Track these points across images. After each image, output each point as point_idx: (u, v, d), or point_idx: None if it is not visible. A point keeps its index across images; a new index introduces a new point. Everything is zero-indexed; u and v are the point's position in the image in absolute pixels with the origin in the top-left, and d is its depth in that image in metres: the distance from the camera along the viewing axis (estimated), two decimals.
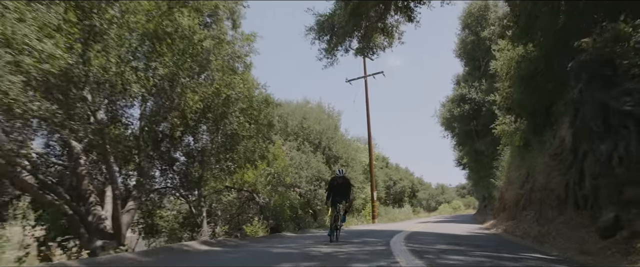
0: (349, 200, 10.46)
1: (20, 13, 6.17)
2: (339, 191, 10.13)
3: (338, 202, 10.04)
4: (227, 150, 13.59)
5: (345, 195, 10.18)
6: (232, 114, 12.79)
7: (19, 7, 6.15)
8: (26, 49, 6.19)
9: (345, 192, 10.21)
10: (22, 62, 6.23)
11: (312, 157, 19.43)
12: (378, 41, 15.85)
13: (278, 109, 17.75)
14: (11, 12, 6.08)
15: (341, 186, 10.19)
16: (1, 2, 6.07)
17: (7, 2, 6.10)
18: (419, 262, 5.65)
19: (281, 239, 11.34)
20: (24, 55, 6.23)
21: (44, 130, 8.50)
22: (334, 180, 10.41)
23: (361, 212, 25.18)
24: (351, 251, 7.44)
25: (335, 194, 10.13)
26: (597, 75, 7.77)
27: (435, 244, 8.79)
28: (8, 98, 6.39)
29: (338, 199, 10.07)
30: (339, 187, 10.16)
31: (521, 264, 5.93)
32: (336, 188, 10.17)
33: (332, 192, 10.21)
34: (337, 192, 10.13)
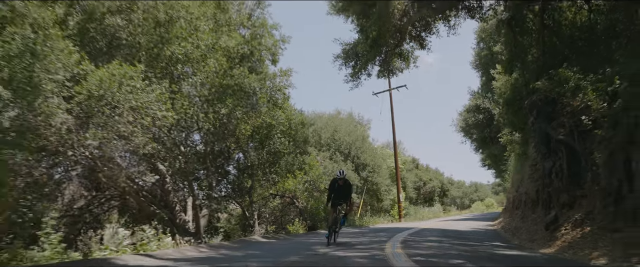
0: (350, 202, 10.39)
1: (143, 89, 9.64)
2: (339, 193, 10.08)
3: (338, 204, 10.07)
4: (271, 164, 16.92)
5: (346, 197, 10.15)
6: (274, 135, 16.11)
7: (143, 85, 9.62)
8: (149, 112, 9.64)
9: (346, 194, 10.15)
10: (142, 121, 9.70)
11: (343, 165, 22.55)
12: (396, 65, 18.77)
13: (312, 125, 21.04)
14: (139, 89, 9.56)
15: (342, 187, 10.10)
16: (131, 83, 9.53)
17: (136, 83, 9.56)
18: (399, 246, 8.70)
19: (316, 235, 14.48)
20: (145, 116, 9.69)
21: (145, 160, 11.99)
22: (334, 182, 10.35)
23: (390, 212, 28.09)
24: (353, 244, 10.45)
25: (335, 196, 10.12)
26: (543, 111, 10.56)
27: (429, 237, 11.75)
28: (133, 144, 9.88)
29: (338, 201, 10.08)
30: (340, 189, 10.09)
31: (471, 248, 8.86)
32: (337, 190, 10.12)
33: (333, 194, 10.20)
34: (337, 194, 10.10)
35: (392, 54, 17.86)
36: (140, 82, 9.61)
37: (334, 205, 10.11)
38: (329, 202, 10.28)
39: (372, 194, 25.20)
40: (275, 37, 17.37)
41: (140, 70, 9.65)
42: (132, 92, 9.47)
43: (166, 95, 10.22)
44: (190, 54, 11.52)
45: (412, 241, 10.45)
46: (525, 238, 10.95)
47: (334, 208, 10.10)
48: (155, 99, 9.79)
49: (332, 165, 22.07)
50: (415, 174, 42.94)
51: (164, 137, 11.29)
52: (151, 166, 12.42)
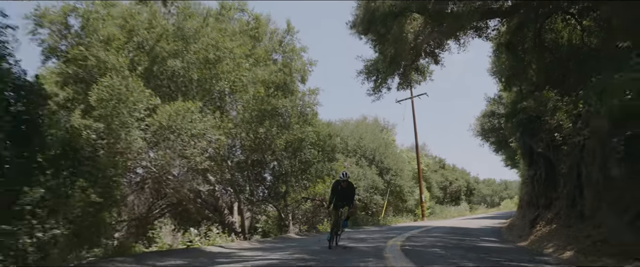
0: (353, 205, 10.21)
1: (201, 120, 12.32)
2: (342, 195, 9.86)
3: (341, 206, 9.91)
4: (303, 171, 19.42)
5: (349, 199, 9.97)
6: (305, 147, 18.59)
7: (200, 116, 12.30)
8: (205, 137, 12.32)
9: (349, 196, 9.97)
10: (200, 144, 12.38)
11: (368, 170, 24.87)
12: (414, 78, 20.94)
13: (338, 136, 23.49)
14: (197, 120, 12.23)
15: (345, 190, 9.88)
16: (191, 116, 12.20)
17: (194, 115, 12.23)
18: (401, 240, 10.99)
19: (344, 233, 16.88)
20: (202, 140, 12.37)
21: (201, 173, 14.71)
22: (337, 184, 10.03)
23: (415, 212, 30.22)
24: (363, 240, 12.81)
25: (338, 199, 9.89)
26: (527, 128, 12.64)
27: (434, 233, 13.95)
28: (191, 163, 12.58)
29: (341, 204, 9.90)
30: (343, 192, 9.87)
31: (460, 241, 11.05)
32: (340, 192, 9.87)
33: (336, 196, 9.93)
34: (340, 196, 9.87)
35: (409, 69, 20.01)
36: (197, 113, 12.30)
37: (336, 207, 9.90)
38: (331, 205, 9.99)
39: (396, 195, 27.36)
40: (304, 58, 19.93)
41: (198, 106, 12.31)
42: (192, 122, 12.17)
43: (217, 123, 12.87)
44: (235, 86, 14.16)
45: (417, 236, 12.72)
46: (516, 234, 13.04)
47: (337, 210, 9.92)
48: (210, 126, 12.45)
49: (358, 170, 24.41)
50: (442, 174, 44.68)
51: (215, 155, 13.96)
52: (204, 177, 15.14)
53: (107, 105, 11.32)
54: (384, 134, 34.77)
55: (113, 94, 11.38)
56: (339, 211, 9.95)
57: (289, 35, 20.04)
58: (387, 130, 35.62)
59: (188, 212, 15.75)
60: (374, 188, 24.47)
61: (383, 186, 25.27)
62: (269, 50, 18.97)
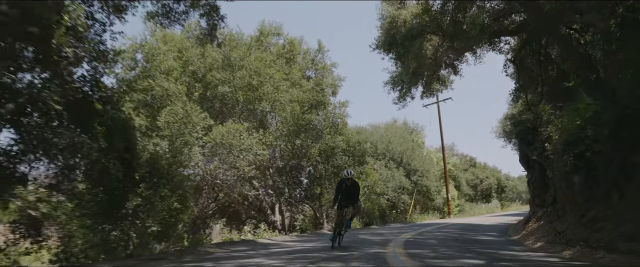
0: (357, 205, 10.02)
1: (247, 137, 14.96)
2: (347, 194, 9.69)
3: (345, 206, 9.66)
4: (335, 175, 21.83)
5: (354, 198, 9.79)
6: (337, 153, 21.01)
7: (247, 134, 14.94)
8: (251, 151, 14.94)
9: (354, 195, 9.79)
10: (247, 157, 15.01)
11: (396, 172, 27.04)
12: (435, 87, 22.99)
13: (367, 142, 25.82)
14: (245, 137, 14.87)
15: (350, 188, 9.72)
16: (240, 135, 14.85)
17: (243, 134, 14.88)
18: (412, 233, 13.23)
19: (368, 229, 19.15)
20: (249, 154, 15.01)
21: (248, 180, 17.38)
22: (342, 182, 9.92)
23: (443, 210, 32.11)
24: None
25: (342, 198, 9.70)
26: (524, 138, 14.59)
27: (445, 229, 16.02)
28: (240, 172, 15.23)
29: (345, 203, 9.67)
30: (347, 190, 9.70)
31: (461, 236, 13.17)
32: (344, 191, 9.70)
33: (340, 195, 9.75)
34: (345, 195, 9.69)
35: (431, 80, 22.06)
36: (245, 132, 14.95)
37: (340, 207, 9.64)
38: (335, 204, 9.81)
39: (423, 194, 29.35)
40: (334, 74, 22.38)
41: (245, 127, 14.95)
42: (241, 139, 14.82)
43: (261, 140, 15.49)
44: (274, 106, 16.76)
45: (429, 231, 14.88)
46: (517, 230, 14.99)
47: (341, 210, 9.63)
48: (255, 142, 15.07)
49: (387, 172, 26.61)
50: (472, 172, 46.03)
51: (259, 165, 16.60)
52: (251, 183, 17.83)
53: (172, 127, 14.08)
54: (414, 136, 36.78)
55: (176, 118, 14.13)
56: (343, 210, 9.62)
57: (320, 53, 22.57)
58: (417, 133, 37.59)
59: (237, 213, 18.48)
60: (402, 188, 26.62)
61: (410, 186, 27.35)
62: (303, 68, 21.56)
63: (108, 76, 12.70)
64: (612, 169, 8.04)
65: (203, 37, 13.96)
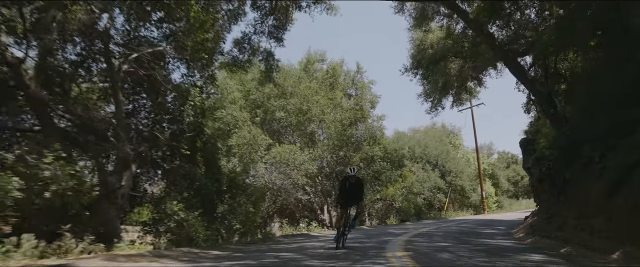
0: (361, 203, 9.72)
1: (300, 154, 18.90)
2: (350, 192, 9.36)
3: (349, 205, 9.36)
4: (375, 178, 25.43)
5: (357, 197, 9.49)
6: (376, 161, 24.58)
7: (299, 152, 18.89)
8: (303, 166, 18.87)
9: (358, 194, 9.47)
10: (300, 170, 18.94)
11: (431, 173, 30.21)
12: (464, 97, 26.04)
13: (404, 148, 29.24)
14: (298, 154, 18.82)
15: (354, 186, 9.38)
16: (295, 154, 18.79)
17: (296, 152, 18.81)
18: (433, 227, 16.61)
19: (401, 224, 22.52)
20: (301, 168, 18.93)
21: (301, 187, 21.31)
22: (345, 180, 9.54)
23: (479, 207, 34.83)
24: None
25: (346, 196, 9.38)
26: (526, 148, 17.57)
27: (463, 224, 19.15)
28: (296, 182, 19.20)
29: (349, 202, 9.37)
30: (351, 188, 9.36)
31: (470, 229, 16.39)
32: (348, 189, 9.37)
33: (344, 193, 9.45)
34: (348, 193, 9.36)
35: (459, 91, 25.13)
36: (298, 151, 18.88)
37: (344, 205, 9.33)
38: (339, 202, 9.54)
39: (458, 192, 32.24)
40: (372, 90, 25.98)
41: (298, 147, 18.89)
42: (295, 156, 18.75)
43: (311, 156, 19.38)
44: (321, 126, 20.61)
45: (446, 226, 18.02)
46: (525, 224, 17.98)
47: (345, 209, 9.30)
48: (306, 158, 18.98)
49: (423, 174, 29.82)
50: (513, 169, 47.94)
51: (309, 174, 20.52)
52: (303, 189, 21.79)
53: (242, 148, 18.19)
54: (451, 138, 39.62)
55: (244, 140, 18.23)
56: (347, 209, 9.26)
57: (358, 74, 26.20)
58: (454, 135, 40.36)
59: (292, 213, 22.49)
60: (437, 188, 29.76)
61: (444, 186, 30.44)
62: (344, 87, 25.29)
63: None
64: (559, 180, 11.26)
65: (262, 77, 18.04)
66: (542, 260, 7.20)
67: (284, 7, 16.25)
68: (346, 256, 7.63)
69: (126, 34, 11.70)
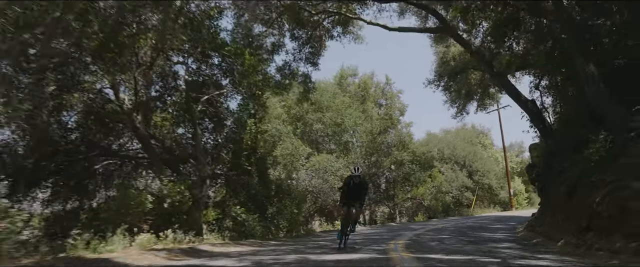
0: (360, 206, 9.48)
1: (335, 161, 22.02)
2: (354, 192, 9.24)
3: (351, 205, 9.18)
4: (406, 180, 28.22)
5: (360, 197, 9.32)
6: (405, 164, 27.37)
7: (335, 160, 22.02)
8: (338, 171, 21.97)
9: (361, 194, 9.34)
10: (335, 175, 22.05)
11: (459, 173, 32.60)
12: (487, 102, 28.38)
13: (437, 144, 31.88)
14: (333, 161, 21.94)
15: (357, 186, 9.25)
16: (332, 162, 21.91)
17: (333, 161, 21.93)
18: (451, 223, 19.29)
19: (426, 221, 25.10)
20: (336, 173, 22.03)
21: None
22: (350, 179, 9.40)
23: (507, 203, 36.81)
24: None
25: (349, 196, 9.26)
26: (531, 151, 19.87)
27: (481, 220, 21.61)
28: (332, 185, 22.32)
29: (352, 202, 9.19)
30: (355, 188, 9.24)
31: (478, 224, 18.93)
32: (352, 189, 9.25)
33: (347, 192, 9.31)
34: (352, 193, 9.25)
35: (483, 97, 27.48)
36: (334, 160, 21.99)
37: (347, 205, 9.21)
38: (342, 201, 9.43)
39: (485, 190, 34.40)
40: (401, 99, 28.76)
41: (334, 156, 22.00)
42: (331, 164, 21.85)
43: (345, 163, 22.44)
44: (354, 136, 23.64)
45: (464, 222, 20.53)
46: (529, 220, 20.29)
47: (348, 208, 9.19)
48: (341, 165, 22.05)
49: (452, 174, 32.23)
50: None
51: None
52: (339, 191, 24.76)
53: (285, 158, 21.45)
54: (481, 138, 41.66)
55: (288, 151, 21.49)
56: (350, 209, 9.13)
57: (388, 85, 29.05)
58: (484, 135, 42.36)
59: (330, 212, 25.58)
60: (464, 187, 32.14)
61: (472, 185, 32.77)
62: (375, 98, 28.20)
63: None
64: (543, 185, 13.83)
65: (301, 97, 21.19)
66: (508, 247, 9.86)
67: (318, 36, 19.28)
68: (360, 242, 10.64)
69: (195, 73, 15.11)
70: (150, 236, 8.45)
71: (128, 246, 7.55)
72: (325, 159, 21.76)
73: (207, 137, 15.73)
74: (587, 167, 9.67)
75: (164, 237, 8.72)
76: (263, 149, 16.93)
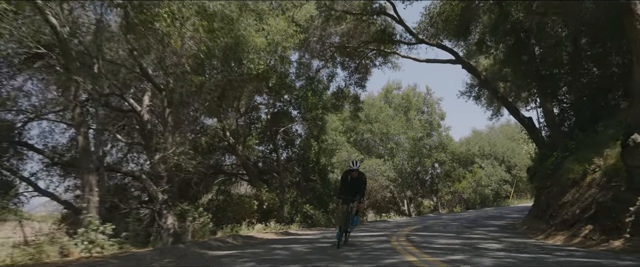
0: (362, 200, 8.96)
1: (383, 164, 27.12)
2: (352, 186, 8.74)
3: (350, 200, 8.57)
4: (447, 176, 32.74)
5: (359, 192, 8.76)
6: (446, 162, 31.89)
7: (383, 163, 27.13)
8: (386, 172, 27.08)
9: (359, 188, 8.79)
10: (385, 175, 27.16)
11: (498, 168, 36.50)
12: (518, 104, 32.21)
13: (478, 142, 36.11)
14: (381, 164, 27.05)
15: (356, 180, 8.76)
16: (380, 164, 27.03)
17: (381, 164, 27.02)
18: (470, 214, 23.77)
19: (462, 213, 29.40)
20: (384, 174, 27.14)
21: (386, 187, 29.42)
22: (347, 174, 8.95)
23: None
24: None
25: (348, 191, 8.70)
26: None
27: (506, 210, 25.81)
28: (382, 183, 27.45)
29: (351, 197, 8.61)
30: (353, 182, 8.76)
31: (487, 213, 23.23)
32: (350, 183, 8.77)
33: (346, 187, 8.79)
34: (350, 188, 8.74)
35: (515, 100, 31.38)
36: (381, 163, 27.07)
37: (345, 201, 8.67)
38: (341, 197, 8.88)
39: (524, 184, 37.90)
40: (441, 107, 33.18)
41: (381, 161, 27.08)
42: (380, 167, 26.92)
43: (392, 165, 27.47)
44: (398, 142, 28.58)
45: (490, 211, 24.80)
46: None
47: (347, 205, 8.61)
48: (387, 168, 27.10)
49: (491, 169, 36.17)
50: None
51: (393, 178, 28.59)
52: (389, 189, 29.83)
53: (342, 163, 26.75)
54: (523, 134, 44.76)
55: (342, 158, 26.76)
56: (348, 205, 8.63)
57: (428, 94, 33.55)
58: None
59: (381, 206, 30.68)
60: (503, 181, 36.03)
61: (510, 178, 36.57)
62: (417, 106, 32.87)
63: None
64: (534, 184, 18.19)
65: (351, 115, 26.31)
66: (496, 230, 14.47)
67: (364, 65, 24.36)
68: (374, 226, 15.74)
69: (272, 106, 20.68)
70: (260, 225, 14.13)
71: (251, 231, 13.21)
72: (374, 163, 26.85)
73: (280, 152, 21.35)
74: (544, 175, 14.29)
75: (268, 226, 14.39)
76: (324, 161, 22.28)
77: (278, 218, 16.15)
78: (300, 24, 14.94)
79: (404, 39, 21.23)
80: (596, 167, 10.17)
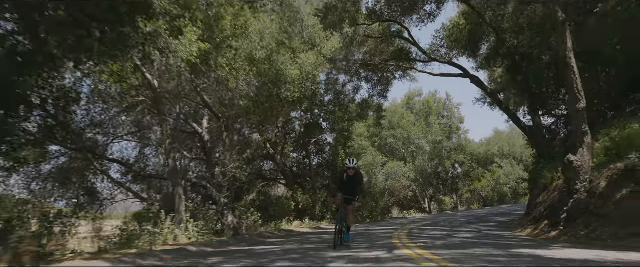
0: (354, 202, 8.60)
1: (405, 166, 30.07)
2: (348, 185, 8.56)
3: (347, 200, 8.42)
4: (466, 176, 35.33)
5: (355, 190, 8.57)
6: (464, 162, 34.48)
7: (404, 165, 30.09)
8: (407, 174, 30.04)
9: (355, 187, 8.60)
10: (407, 177, 30.12)
11: (516, 168, 38.74)
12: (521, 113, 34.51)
13: (498, 142, 38.53)
14: (402, 166, 29.99)
15: (352, 179, 8.58)
16: (401, 167, 29.99)
17: (402, 166, 30.01)
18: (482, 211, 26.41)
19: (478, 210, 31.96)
20: (406, 177, 30.08)
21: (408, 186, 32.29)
22: (343, 172, 8.79)
23: None
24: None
25: (344, 190, 8.51)
26: None
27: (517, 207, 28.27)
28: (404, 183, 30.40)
29: (347, 196, 8.42)
30: (349, 181, 8.58)
31: (495, 209, 25.80)
32: (346, 183, 8.59)
33: (342, 186, 8.63)
34: (346, 187, 8.55)
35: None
36: (402, 165, 29.99)
37: (342, 200, 8.41)
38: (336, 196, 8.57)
39: None
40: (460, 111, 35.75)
41: (402, 163, 30.02)
42: (401, 169, 29.84)
43: (413, 167, 30.35)
44: (419, 146, 31.43)
45: (503, 208, 27.28)
46: None
47: (343, 204, 8.39)
48: (408, 169, 30.00)
49: (510, 168, 38.44)
50: None
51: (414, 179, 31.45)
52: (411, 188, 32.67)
53: (367, 166, 29.83)
54: None
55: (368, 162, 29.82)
56: (344, 205, 8.39)
57: (448, 100, 36.17)
58: None
59: (404, 204, 33.55)
60: (521, 179, 38.25)
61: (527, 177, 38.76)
62: (438, 112, 35.57)
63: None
64: None
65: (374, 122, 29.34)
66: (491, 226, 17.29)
67: (386, 78, 27.33)
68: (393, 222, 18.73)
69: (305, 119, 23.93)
70: (297, 221, 17.47)
71: (291, 226, 16.53)
72: (396, 165, 29.78)
73: (312, 159, 24.59)
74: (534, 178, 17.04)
75: (303, 222, 17.70)
76: None
77: (311, 216, 19.42)
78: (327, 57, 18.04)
79: (418, 57, 24.06)
80: (560, 176, 13.00)
